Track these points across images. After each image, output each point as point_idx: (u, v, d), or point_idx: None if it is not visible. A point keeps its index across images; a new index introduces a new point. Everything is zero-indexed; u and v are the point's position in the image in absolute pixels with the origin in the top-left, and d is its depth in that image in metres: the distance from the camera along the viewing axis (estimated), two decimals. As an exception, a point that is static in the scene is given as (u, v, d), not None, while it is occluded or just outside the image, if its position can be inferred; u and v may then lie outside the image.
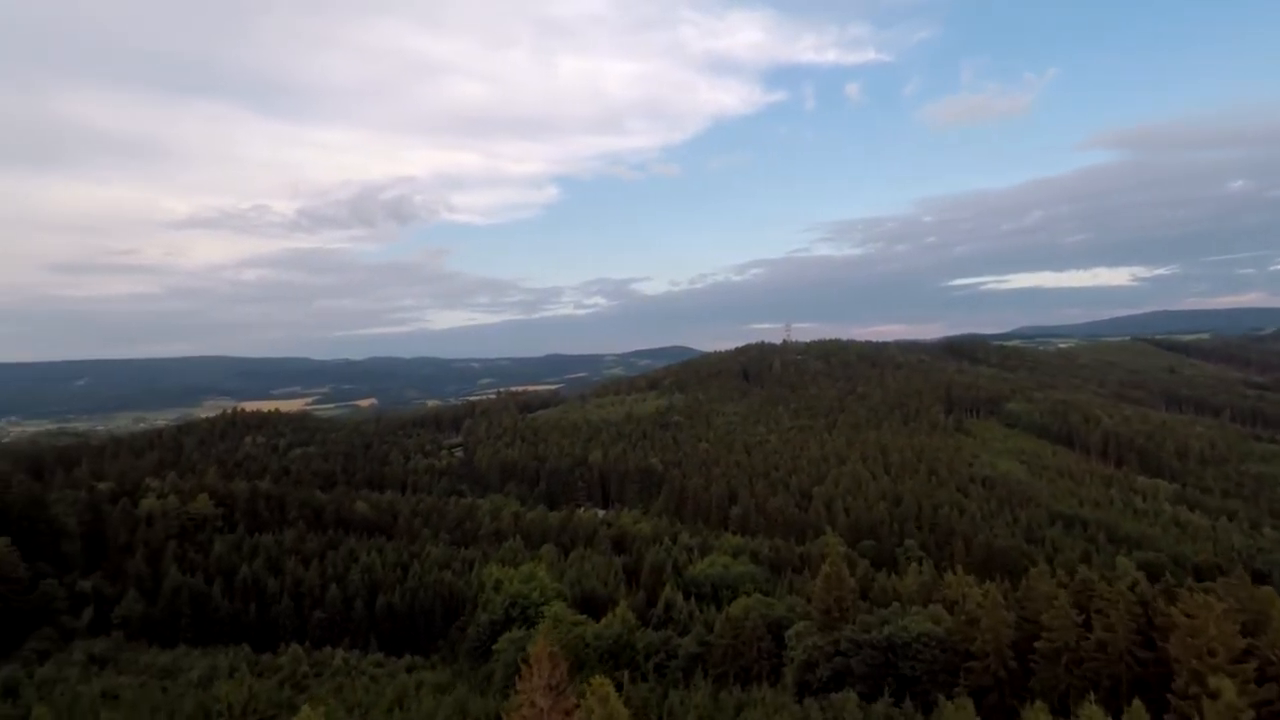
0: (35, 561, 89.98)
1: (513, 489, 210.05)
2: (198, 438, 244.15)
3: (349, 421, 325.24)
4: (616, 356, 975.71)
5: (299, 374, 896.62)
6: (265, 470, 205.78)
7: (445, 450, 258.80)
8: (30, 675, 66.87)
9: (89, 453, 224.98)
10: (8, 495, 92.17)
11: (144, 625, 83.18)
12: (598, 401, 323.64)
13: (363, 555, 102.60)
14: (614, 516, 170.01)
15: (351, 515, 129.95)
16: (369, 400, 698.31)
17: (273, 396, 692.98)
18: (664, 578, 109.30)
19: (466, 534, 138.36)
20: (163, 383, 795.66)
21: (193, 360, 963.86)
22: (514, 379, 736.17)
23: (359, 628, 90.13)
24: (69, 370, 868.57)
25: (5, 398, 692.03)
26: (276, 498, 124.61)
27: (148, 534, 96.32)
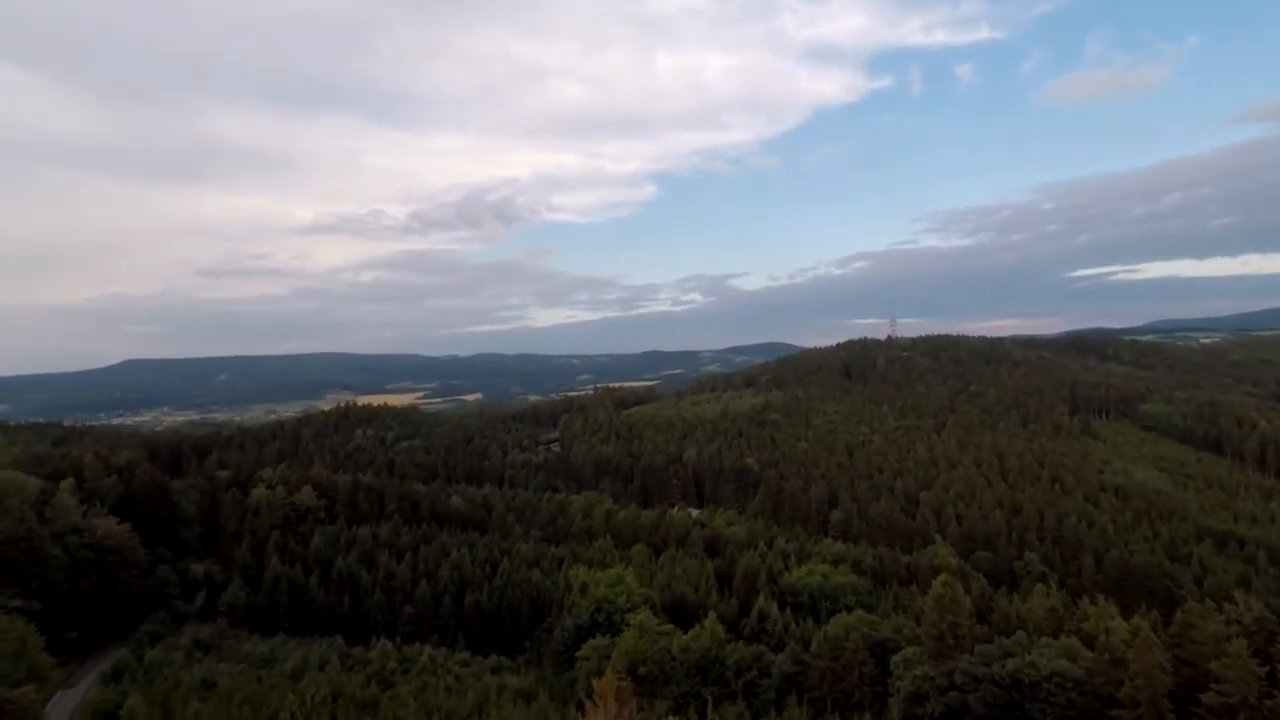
0: (155, 547, 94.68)
1: (606, 486, 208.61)
2: (314, 430, 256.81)
3: (453, 416, 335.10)
4: (713, 353, 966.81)
5: (411, 370, 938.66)
6: (372, 462, 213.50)
7: (542, 445, 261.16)
8: (139, 659, 69.21)
9: (219, 443, 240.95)
10: (133, 483, 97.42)
11: (247, 613, 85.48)
12: (693, 398, 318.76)
13: (454, 551, 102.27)
14: (707, 517, 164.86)
15: (446, 510, 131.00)
16: (475, 395, 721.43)
17: (387, 391, 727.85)
18: (758, 585, 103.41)
19: (558, 531, 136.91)
20: (291, 377, 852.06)
21: (317, 356, 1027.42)
22: (612, 375, 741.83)
23: (447, 625, 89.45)
24: (212, 366, 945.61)
25: (159, 390, 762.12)
26: (376, 490, 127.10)
27: (254, 523, 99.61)
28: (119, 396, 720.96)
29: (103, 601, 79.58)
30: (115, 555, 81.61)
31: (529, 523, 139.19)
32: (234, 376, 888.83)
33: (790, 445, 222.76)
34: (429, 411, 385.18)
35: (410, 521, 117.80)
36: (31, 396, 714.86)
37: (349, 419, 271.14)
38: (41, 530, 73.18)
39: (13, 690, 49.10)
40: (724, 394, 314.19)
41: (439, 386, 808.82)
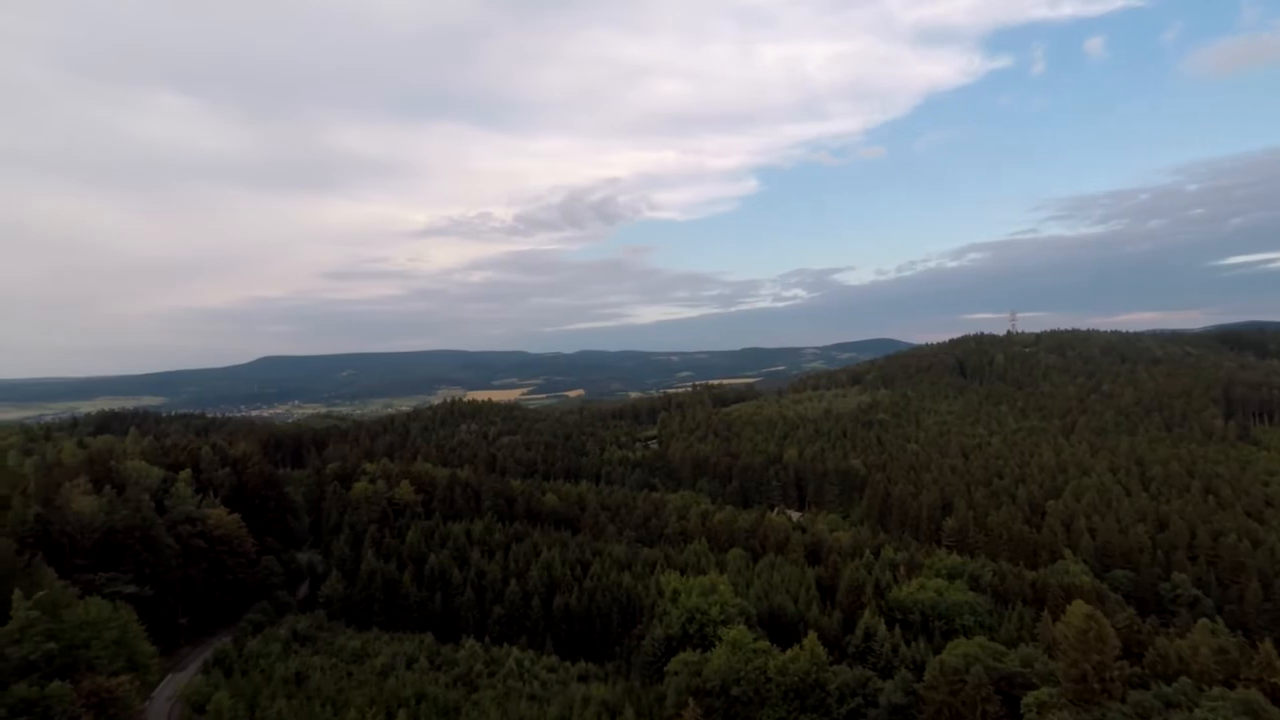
0: (264, 537, 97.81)
1: (704, 485, 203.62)
2: (422, 424, 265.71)
3: (553, 412, 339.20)
4: (816, 349, 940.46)
5: (516, 366, 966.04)
6: (474, 457, 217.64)
7: (640, 443, 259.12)
8: (239, 649, 70.51)
9: (336, 436, 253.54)
10: (244, 475, 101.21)
11: (344, 605, 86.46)
12: (795, 396, 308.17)
13: (544, 550, 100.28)
14: (809, 521, 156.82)
15: (540, 507, 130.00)
16: (578, 391, 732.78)
17: (494, 387, 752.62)
18: (864, 599, 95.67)
19: (651, 532, 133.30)
20: (407, 373, 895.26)
21: (431, 353, 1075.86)
22: (712, 372, 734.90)
23: (536, 626, 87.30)
24: (337, 363, 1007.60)
25: (290, 385, 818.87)
26: (472, 487, 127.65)
27: (354, 517, 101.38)
28: (256, 391, 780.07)
29: (213, 589, 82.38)
30: (225, 545, 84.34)
31: (622, 522, 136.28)
32: (356, 372, 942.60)
33: (899, 447, 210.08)
34: (531, 407, 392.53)
35: (504, 518, 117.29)
36: (184, 389, 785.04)
37: (454, 414, 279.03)
38: (157, 519, 76.17)
39: (111, 680, 49.85)
40: (827, 392, 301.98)
41: (543, 383, 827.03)
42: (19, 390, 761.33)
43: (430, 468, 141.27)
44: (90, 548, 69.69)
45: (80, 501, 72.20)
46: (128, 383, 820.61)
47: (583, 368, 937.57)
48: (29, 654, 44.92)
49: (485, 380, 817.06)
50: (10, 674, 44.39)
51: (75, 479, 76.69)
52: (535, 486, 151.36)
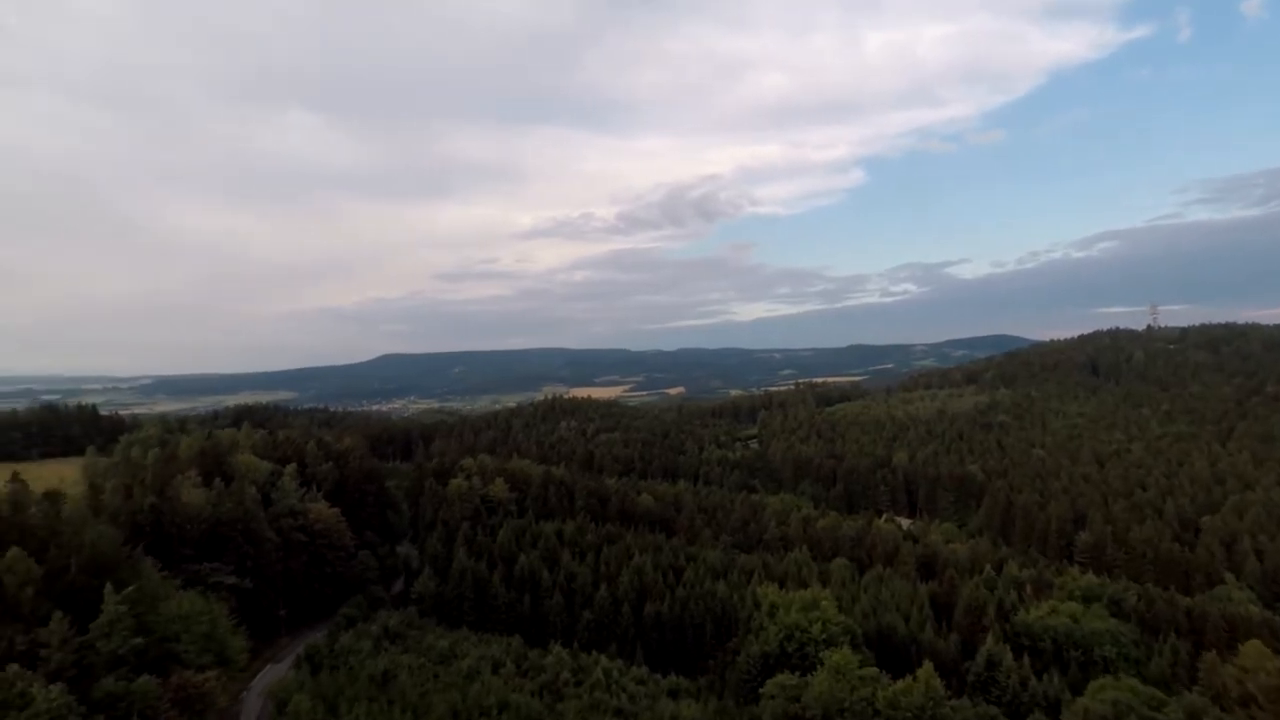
0: (364, 532, 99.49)
1: (806, 488, 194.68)
2: (524, 420, 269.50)
3: (652, 409, 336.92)
4: (927, 346, 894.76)
5: (618, 364, 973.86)
6: (573, 454, 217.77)
7: (739, 442, 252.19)
8: (331, 646, 70.74)
9: (442, 431, 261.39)
10: (346, 469, 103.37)
11: (436, 603, 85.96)
12: (905, 395, 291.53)
13: (637, 554, 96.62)
14: (921, 530, 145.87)
15: (634, 508, 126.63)
16: (678, 389, 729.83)
17: (596, 384, 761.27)
18: (986, 621, 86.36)
19: (749, 537, 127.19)
20: (514, 371, 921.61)
21: (535, 351, 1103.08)
22: (815, 370, 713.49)
23: (625, 634, 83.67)
24: (449, 360, 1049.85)
25: (406, 381, 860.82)
26: (566, 485, 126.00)
27: (448, 513, 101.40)
28: (377, 387, 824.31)
29: (313, 582, 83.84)
30: (324, 539, 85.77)
31: (719, 525, 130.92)
32: (466, 369, 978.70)
33: (1022, 451, 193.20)
34: (630, 404, 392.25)
35: (597, 519, 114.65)
36: (313, 385, 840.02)
37: (555, 411, 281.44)
38: (260, 512, 78.02)
39: (198, 675, 49.85)
40: (940, 391, 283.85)
41: (644, 380, 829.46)
42: (178, 385, 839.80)
43: (526, 465, 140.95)
44: (197, 538, 71.85)
45: (190, 494, 74.76)
46: (266, 379, 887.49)
47: (683, 365, 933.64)
48: (117, 648, 45.20)
49: (588, 377, 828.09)
50: (100, 667, 44.79)
51: (187, 472, 79.67)
52: (630, 486, 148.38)
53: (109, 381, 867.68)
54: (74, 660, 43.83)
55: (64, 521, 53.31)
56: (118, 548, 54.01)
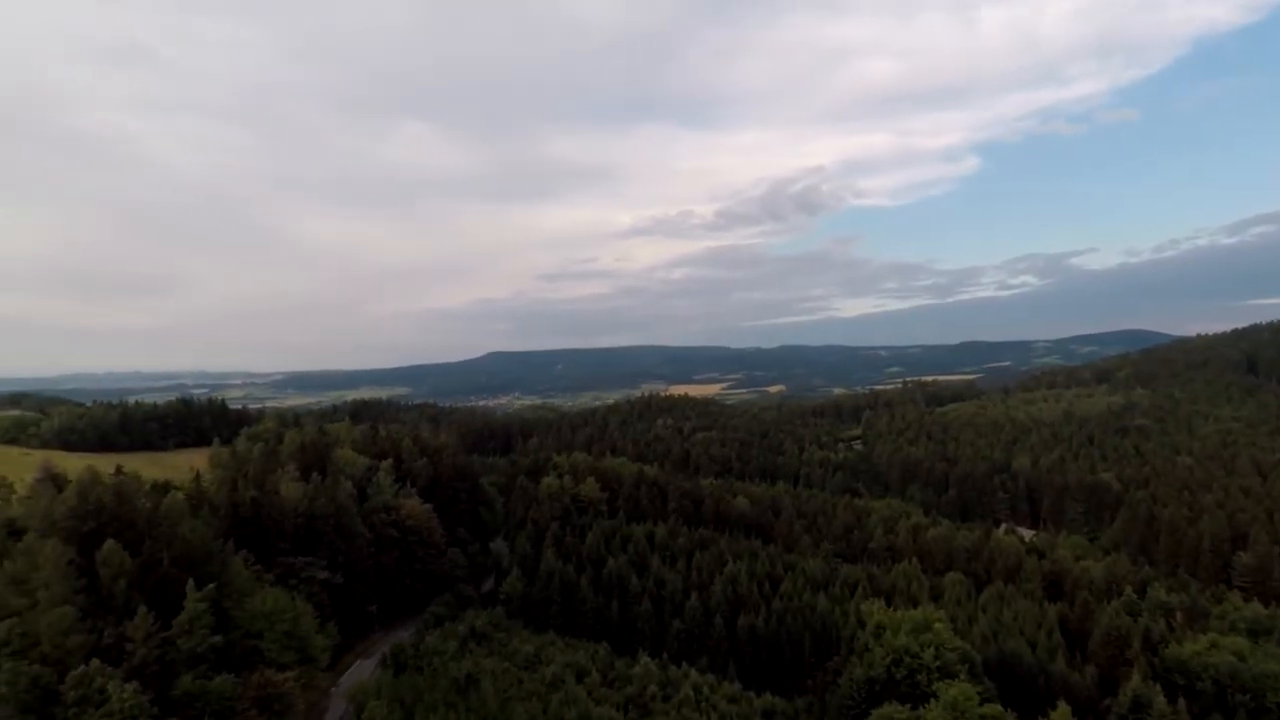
0: (456, 529, 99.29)
1: (915, 493, 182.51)
2: (620, 418, 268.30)
3: (750, 408, 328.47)
4: (1050, 343, 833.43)
5: (717, 361, 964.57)
6: (668, 453, 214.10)
7: (842, 443, 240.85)
8: (416, 645, 69.77)
9: (541, 427, 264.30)
10: (440, 465, 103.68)
11: (523, 605, 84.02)
12: (1025, 395, 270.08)
13: (731, 561, 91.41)
14: (1046, 543, 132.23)
15: (729, 510, 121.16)
16: (778, 387, 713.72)
17: (695, 381, 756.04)
18: (1129, 653, 75.80)
19: (853, 545, 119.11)
20: (613, 368, 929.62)
21: (634, 349, 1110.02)
22: (924, 368, 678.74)
23: (717, 647, 78.77)
24: (551, 358, 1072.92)
25: (511, 378, 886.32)
26: (659, 485, 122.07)
27: (538, 512, 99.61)
28: (483, 383, 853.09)
29: (404, 577, 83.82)
30: (416, 535, 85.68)
31: (820, 532, 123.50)
32: (568, 367, 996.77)
33: (1166, 459, 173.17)
34: (728, 403, 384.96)
35: (690, 521, 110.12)
36: (426, 381, 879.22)
37: (651, 408, 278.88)
38: (353, 507, 78.49)
39: (278, 675, 49.10)
40: (1067, 391, 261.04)
41: (743, 378, 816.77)
42: (307, 381, 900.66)
43: (619, 463, 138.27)
44: (292, 532, 72.71)
45: (288, 488, 75.96)
46: (384, 375, 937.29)
47: (784, 363, 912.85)
48: (196, 646, 44.83)
49: (686, 375, 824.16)
50: (180, 665, 44.53)
51: (287, 466, 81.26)
52: (726, 487, 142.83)
53: (248, 377, 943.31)
54: (156, 656, 43.71)
55: (162, 514, 54.10)
56: (209, 541, 54.40)
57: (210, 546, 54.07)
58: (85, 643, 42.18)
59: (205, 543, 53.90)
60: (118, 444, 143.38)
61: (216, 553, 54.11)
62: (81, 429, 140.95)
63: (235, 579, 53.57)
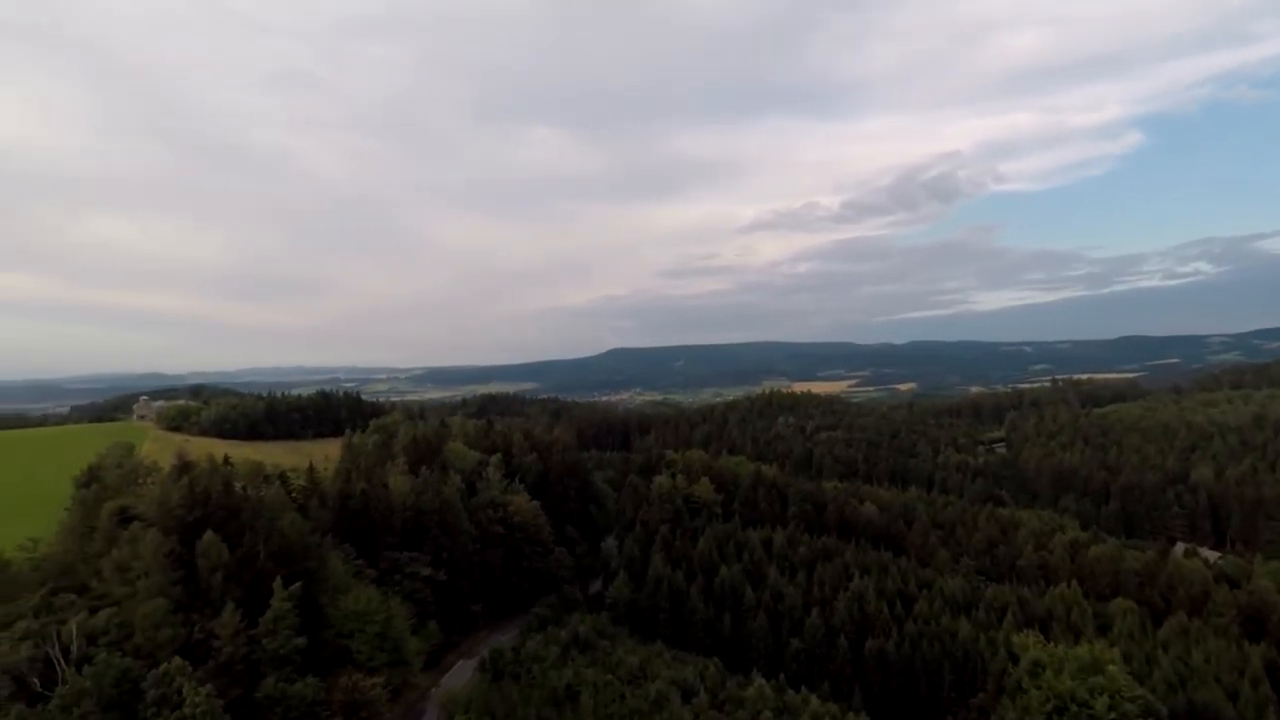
0: (565, 526, 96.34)
1: (1069, 504, 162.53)
2: (739, 415, 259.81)
3: (878, 406, 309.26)
4: (1229, 337, 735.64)
5: (843, 358, 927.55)
6: (790, 452, 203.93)
7: (983, 446, 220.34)
8: (517, 650, 66.53)
9: (659, 422, 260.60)
10: (550, 460, 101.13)
11: (629, 611, 79.37)
12: (1203, 396, 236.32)
13: (856, 575, 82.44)
14: (1239, 569, 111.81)
15: (856, 517, 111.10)
16: (909, 385, 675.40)
17: (820, 379, 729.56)
18: (1368, 717, 60.60)
19: (998, 562, 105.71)
20: (734, 364, 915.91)
21: (756, 345, 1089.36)
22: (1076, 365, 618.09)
23: (841, 672, 70.49)
24: (672, 354, 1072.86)
25: (632, 373, 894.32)
26: (778, 487, 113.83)
27: (648, 513, 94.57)
28: (605, 379, 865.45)
29: (510, 575, 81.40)
30: (522, 532, 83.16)
31: (959, 545, 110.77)
32: (688, 363, 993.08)
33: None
34: (854, 401, 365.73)
35: (811, 528, 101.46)
36: (552, 377, 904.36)
37: (772, 406, 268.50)
38: (458, 503, 76.78)
39: (366, 679, 46.73)
40: (1256, 393, 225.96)
41: (870, 375, 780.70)
42: (443, 376, 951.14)
43: (735, 463, 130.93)
44: (399, 527, 71.70)
45: (397, 481, 75.26)
46: (513, 371, 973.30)
47: (915, 359, 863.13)
48: (279, 647, 42.92)
49: (810, 372, 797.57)
50: (266, 665, 42.81)
51: (398, 459, 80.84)
52: (852, 491, 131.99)
53: (392, 372, 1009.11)
54: (243, 655, 42.23)
55: (265, 506, 53.50)
56: (307, 535, 53.25)
57: (308, 540, 52.87)
58: (175, 637, 41.27)
59: (303, 536, 52.74)
60: (264, 433, 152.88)
61: (314, 547, 52.84)
62: (234, 419, 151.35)
63: (332, 575, 52.04)
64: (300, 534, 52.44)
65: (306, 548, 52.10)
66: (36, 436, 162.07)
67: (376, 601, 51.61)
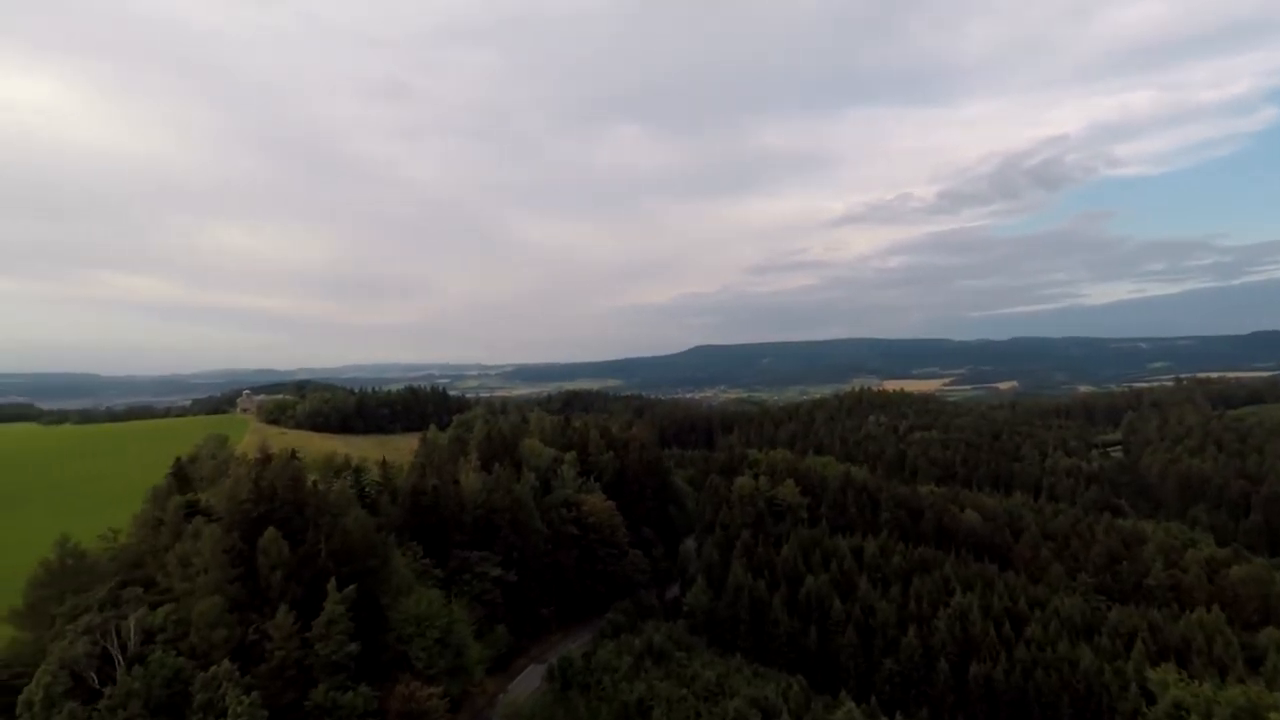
0: (641, 527, 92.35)
1: (1199, 515, 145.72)
2: (827, 414, 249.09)
3: (977, 406, 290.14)
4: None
5: (937, 355, 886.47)
6: (881, 454, 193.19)
7: (1096, 449, 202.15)
8: (587, 659, 62.95)
9: (742, 420, 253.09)
10: (627, 459, 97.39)
11: (708, 621, 74.51)
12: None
13: (958, 590, 74.64)
14: None
15: (956, 526, 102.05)
16: (1009, 384, 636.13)
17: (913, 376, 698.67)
18: None
19: (1120, 580, 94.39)
20: (822, 361, 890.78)
21: (845, 342, 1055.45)
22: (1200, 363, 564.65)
23: (941, 698, 63.34)
24: (757, 351, 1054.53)
25: (717, 371, 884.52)
26: (869, 491, 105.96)
27: (729, 516, 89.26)
28: (688, 376, 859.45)
29: (584, 577, 78.18)
30: (597, 533, 79.81)
31: (1075, 560, 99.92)
32: (774, 360, 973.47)
33: None
34: (950, 400, 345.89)
35: (906, 536, 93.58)
36: (636, 374, 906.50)
37: (862, 404, 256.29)
38: (529, 502, 74.07)
39: (423, 689, 44.13)
40: None
41: (967, 373, 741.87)
42: (531, 372, 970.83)
43: (823, 464, 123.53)
44: (469, 525, 69.60)
45: (468, 479, 73.29)
46: (599, 368, 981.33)
47: (1016, 356, 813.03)
48: (332, 654, 40.72)
49: (903, 369, 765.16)
50: (319, 670, 40.71)
51: (470, 456, 78.99)
52: (951, 497, 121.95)
53: (483, 369, 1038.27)
54: (296, 660, 40.27)
55: (329, 503, 52.00)
56: (371, 533, 51.36)
57: (372, 539, 50.95)
58: (230, 637, 39.76)
59: (367, 534, 50.86)
60: (354, 427, 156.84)
61: (378, 545, 50.85)
62: (326, 413, 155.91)
63: (394, 575, 49.89)
64: (364, 532, 50.63)
65: (370, 546, 50.22)
66: (155, 428, 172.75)
67: (438, 604, 49.14)
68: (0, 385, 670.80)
